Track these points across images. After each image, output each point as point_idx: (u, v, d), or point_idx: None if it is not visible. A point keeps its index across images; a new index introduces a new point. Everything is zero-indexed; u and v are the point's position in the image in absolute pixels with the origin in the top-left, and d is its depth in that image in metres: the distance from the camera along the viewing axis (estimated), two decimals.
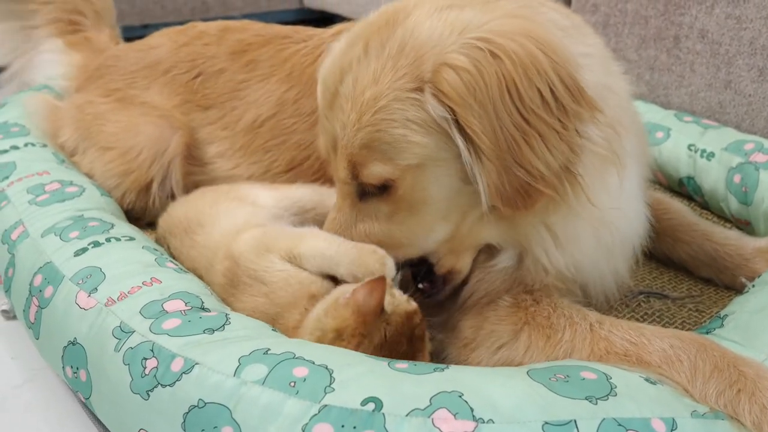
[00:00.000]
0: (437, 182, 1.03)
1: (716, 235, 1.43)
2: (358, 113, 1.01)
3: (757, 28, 1.72)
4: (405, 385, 0.86)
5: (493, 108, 0.94)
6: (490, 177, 0.97)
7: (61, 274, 1.14)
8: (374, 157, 1.01)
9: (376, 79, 1.00)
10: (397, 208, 1.07)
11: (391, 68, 0.99)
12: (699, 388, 0.95)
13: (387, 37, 1.01)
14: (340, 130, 1.03)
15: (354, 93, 1.01)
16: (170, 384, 0.90)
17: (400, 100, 0.98)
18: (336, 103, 1.04)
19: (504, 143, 0.95)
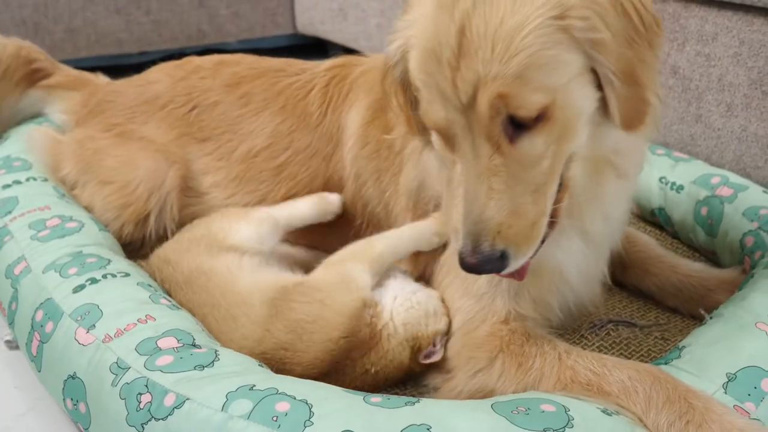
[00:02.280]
0: (582, 93, 1.06)
1: (682, 267, 1.51)
2: (505, 42, 0.98)
3: (724, 65, 1.80)
4: (378, 418, 0.93)
5: (619, 37, 1.02)
6: (620, 99, 1.05)
7: (60, 310, 1.21)
8: (530, 84, 0.99)
9: (513, 10, 0.99)
10: (551, 131, 1.04)
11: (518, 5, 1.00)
12: (652, 419, 1.03)
13: None
14: (484, 67, 0.99)
15: (489, 29, 0.99)
16: (163, 418, 0.98)
17: (546, 25, 0.99)
18: (467, 50, 1.00)
19: (627, 68, 1.03)
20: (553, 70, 1.01)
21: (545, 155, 1.05)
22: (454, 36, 1.01)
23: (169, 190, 1.64)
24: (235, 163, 1.65)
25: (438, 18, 1.04)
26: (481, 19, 1.00)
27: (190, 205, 1.68)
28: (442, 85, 1.03)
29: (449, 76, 1.02)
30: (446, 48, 1.01)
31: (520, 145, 1.03)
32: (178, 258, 1.41)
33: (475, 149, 1.04)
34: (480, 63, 0.99)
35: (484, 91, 0.99)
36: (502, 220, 1.03)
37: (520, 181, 1.04)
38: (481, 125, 1.02)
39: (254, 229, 1.47)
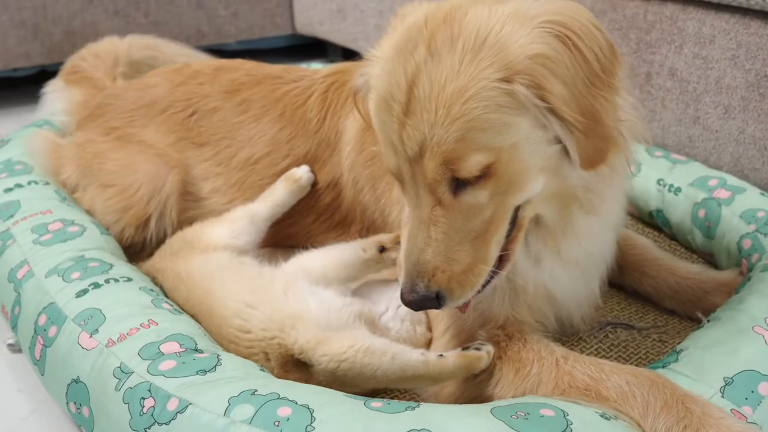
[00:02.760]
0: (531, 151, 1.06)
1: (680, 269, 1.52)
2: (446, 108, 1.01)
3: (722, 68, 1.81)
4: (378, 423, 0.95)
5: (575, 84, 1.02)
6: (579, 144, 1.05)
7: (63, 315, 1.22)
8: (472, 147, 1.02)
9: (457, 72, 1.01)
10: (496, 186, 1.06)
11: (471, 61, 1.01)
12: (650, 423, 1.04)
13: (455, 34, 1.03)
14: (428, 130, 1.02)
15: (434, 91, 1.02)
16: (166, 423, 0.99)
17: (489, 88, 1.00)
18: (414, 108, 1.03)
19: (586, 112, 1.04)
20: (497, 133, 1.02)
21: (487, 207, 1.08)
22: (404, 92, 1.05)
23: (168, 194, 1.65)
24: (234, 170, 1.66)
25: (393, 68, 1.08)
26: (428, 79, 1.03)
27: (190, 209, 1.69)
28: (391, 136, 1.08)
29: (397, 130, 1.06)
30: (396, 102, 1.06)
31: (463, 198, 1.07)
32: (164, 267, 1.43)
33: (419, 198, 1.09)
34: (425, 124, 1.03)
35: (428, 154, 1.04)
36: (437, 265, 1.07)
37: (459, 230, 1.08)
38: (425, 180, 1.06)
39: (227, 227, 1.51)
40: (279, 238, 1.65)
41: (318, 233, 1.64)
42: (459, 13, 1.06)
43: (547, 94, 1.00)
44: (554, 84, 1.00)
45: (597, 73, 1.04)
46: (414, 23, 1.10)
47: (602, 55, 1.04)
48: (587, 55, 1.03)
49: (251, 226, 1.53)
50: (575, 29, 1.02)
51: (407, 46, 1.07)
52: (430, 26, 1.07)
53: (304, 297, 1.27)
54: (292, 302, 1.25)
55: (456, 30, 1.04)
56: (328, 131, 1.60)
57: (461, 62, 1.02)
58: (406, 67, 1.05)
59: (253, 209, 1.56)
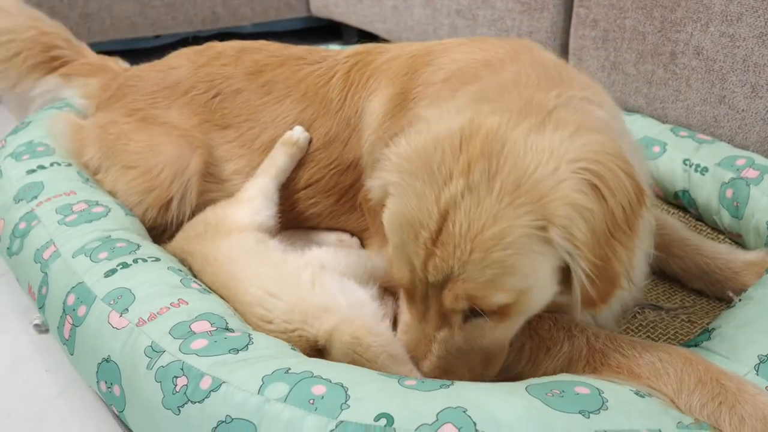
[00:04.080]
0: (543, 293, 1.08)
1: (707, 249, 1.51)
2: (482, 252, 1.00)
3: (749, 46, 1.79)
4: (414, 401, 0.94)
5: (598, 232, 1.02)
6: (586, 288, 1.04)
7: (93, 294, 1.22)
8: (498, 288, 1.02)
9: (495, 216, 1.00)
10: (503, 320, 1.08)
11: (509, 204, 1.00)
12: (684, 400, 1.03)
13: (492, 170, 1.02)
14: (458, 266, 1.01)
15: (471, 232, 1.00)
16: (200, 401, 0.99)
17: (527, 236, 1.00)
18: (446, 241, 1.01)
19: (602, 260, 1.03)
20: (524, 277, 1.03)
21: (489, 337, 1.10)
22: (435, 221, 1.02)
23: (191, 175, 1.64)
24: (257, 151, 1.65)
25: (424, 191, 1.04)
26: (465, 217, 1.01)
27: (210, 191, 1.68)
28: (413, 259, 1.06)
29: (422, 257, 1.04)
30: (425, 229, 1.03)
31: (471, 326, 1.08)
32: (192, 250, 1.42)
33: (426, 316, 1.10)
34: (456, 261, 1.01)
35: (452, 287, 1.03)
36: (432, 374, 1.10)
37: (460, 351, 1.10)
38: (438, 306, 1.07)
39: (247, 207, 1.51)
40: (302, 219, 1.65)
41: (341, 213, 1.63)
42: (497, 144, 1.03)
43: (576, 241, 1.00)
44: (583, 232, 1.00)
45: (620, 224, 1.04)
46: (446, 139, 1.06)
47: (629, 206, 1.04)
48: (615, 208, 1.02)
49: (267, 200, 1.54)
50: (608, 180, 1.02)
51: (440, 169, 1.04)
52: (467, 155, 1.03)
53: (333, 291, 1.25)
54: (320, 294, 1.24)
55: (494, 166, 1.02)
56: (349, 111, 1.59)
57: (500, 204, 1.00)
58: (440, 195, 1.03)
59: (262, 182, 1.56)
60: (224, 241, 1.40)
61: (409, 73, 1.49)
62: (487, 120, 1.07)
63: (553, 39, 2.35)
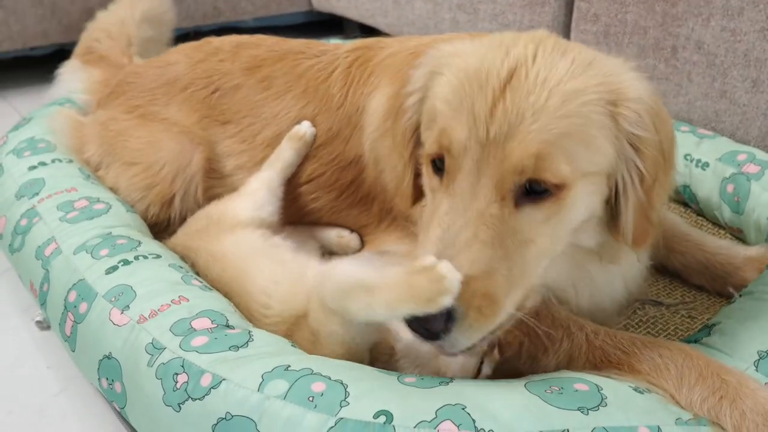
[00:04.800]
0: (592, 193, 1.04)
1: (708, 244, 1.50)
2: (560, 100, 0.95)
3: (750, 41, 1.78)
4: (413, 398, 0.94)
5: (659, 141, 1.02)
6: (635, 209, 1.04)
7: (94, 291, 1.23)
8: (566, 153, 0.95)
9: (574, 75, 0.97)
10: (550, 218, 1.00)
11: (585, 73, 0.98)
12: (685, 395, 1.04)
13: (561, 48, 1.01)
14: (532, 112, 0.94)
15: (549, 82, 0.96)
16: (200, 398, 0.99)
17: (600, 104, 0.97)
18: (517, 86, 0.96)
19: (652, 183, 1.03)
20: (589, 153, 0.99)
21: (534, 238, 1.00)
22: (506, 69, 0.97)
23: (194, 172, 1.65)
24: (259, 147, 1.65)
25: (488, 52, 1.01)
26: (541, 68, 0.97)
27: (214, 186, 1.69)
28: (476, 107, 0.97)
29: (489, 101, 0.96)
30: (493, 76, 0.97)
31: (521, 213, 0.98)
32: (196, 246, 1.42)
33: (477, 190, 0.97)
34: (529, 105, 0.95)
35: (521, 140, 0.94)
36: (473, 274, 0.93)
37: (505, 246, 0.97)
38: (496, 170, 0.96)
39: (250, 201, 1.50)
40: (302, 214, 1.65)
41: (342, 209, 1.63)
42: (562, 44, 1.04)
43: (644, 132, 0.99)
44: (651, 128, 1.00)
45: (666, 158, 1.05)
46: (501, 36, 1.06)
47: (670, 147, 1.06)
48: (664, 139, 1.03)
49: (270, 195, 1.53)
50: (661, 111, 1.03)
51: (504, 42, 1.01)
52: (531, 37, 1.03)
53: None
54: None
55: (562, 47, 1.02)
56: (351, 108, 1.58)
57: (575, 70, 0.98)
58: (509, 52, 0.98)
59: (267, 177, 1.56)
60: (229, 237, 1.40)
61: (411, 69, 1.49)
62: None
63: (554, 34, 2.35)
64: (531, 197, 0.98)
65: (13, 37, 2.79)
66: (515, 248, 0.98)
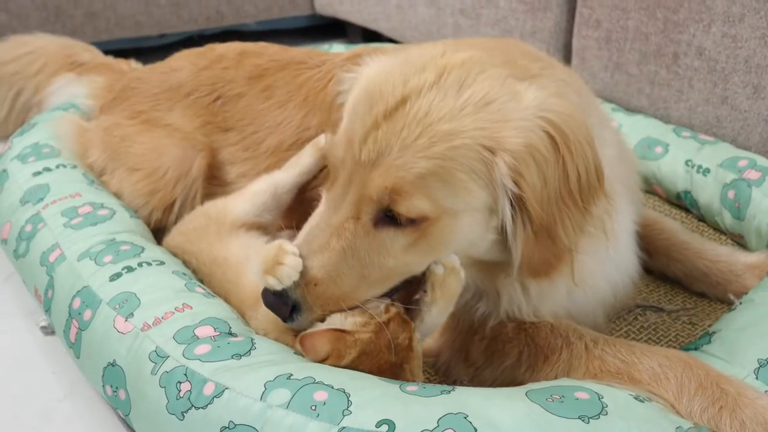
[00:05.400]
0: (468, 228, 1.06)
1: (708, 252, 1.51)
2: (429, 141, 0.98)
3: (751, 47, 1.79)
4: (415, 407, 0.95)
5: (548, 189, 1.03)
6: (527, 245, 1.05)
7: (98, 299, 1.24)
8: (424, 191, 1.00)
9: (455, 116, 1.00)
10: (416, 243, 1.05)
11: (471, 114, 1.00)
12: (685, 405, 1.04)
13: (466, 81, 1.02)
14: (398, 148, 0.99)
15: (426, 119, 0.99)
16: (203, 407, 1.00)
17: (474, 150, 1.00)
18: (397, 118, 1.00)
19: (547, 219, 1.03)
20: (454, 194, 1.02)
21: (395, 256, 1.05)
22: (395, 98, 1.02)
23: (195, 177, 1.66)
24: (263, 156, 1.65)
25: (392, 72, 1.05)
26: (426, 104, 1.00)
27: (215, 193, 1.69)
28: (356, 128, 1.04)
29: (367, 127, 1.02)
30: (382, 102, 1.02)
31: (380, 233, 1.05)
32: (197, 249, 1.42)
33: (340, 203, 1.06)
34: (398, 141, 1.00)
35: (382, 172, 1.00)
36: (317, 276, 1.05)
37: (357, 257, 1.05)
38: (359, 191, 1.03)
39: (250, 202, 1.49)
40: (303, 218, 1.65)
41: None
42: (477, 66, 1.05)
43: (523, 182, 1.00)
44: (534, 177, 1.00)
45: (572, 192, 1.04)
46: (429, 51, 1.09)
47: (585, 176, 1.05)
48: (571, 171, 1.03)
49: (274, 200, 1.51)
50: (570, 142, 1.02)
51: (415, 63, 1.05)
52: (445, 61, 1.05)
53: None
54: None
55: (469, 79, 1.03)
56: None
57: (462, 110, 1.00)
58: (408, 79, 1.03)
59: (278, 179, 1.54)
60: (232, 240, 1.40)
61: None
62: (473, 52, 1.09)
63: (556, 39, 2.35)
64: (392, 222, 1.03)
65: None
66: (373, 259, 1.05)
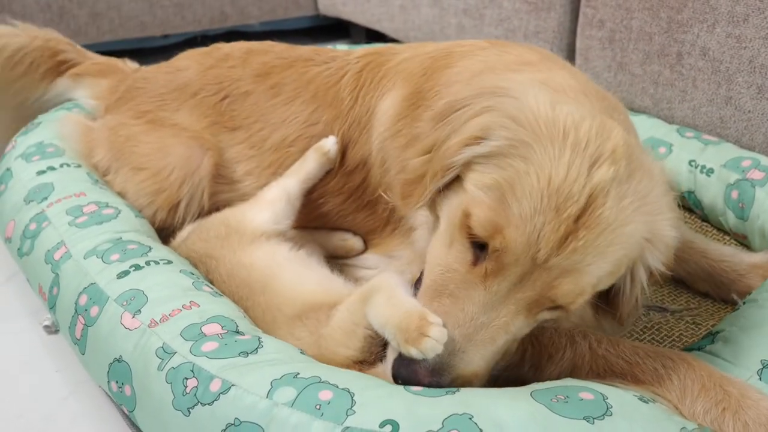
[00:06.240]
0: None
1: (712, 252, 1.51)
2: (619, 247, 0.99)
3: (756, 47, 1.79)
4: (419, 407, 0.95)
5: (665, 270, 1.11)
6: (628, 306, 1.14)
7: (105, 295, 1.24)
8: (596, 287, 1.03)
9: (634, 216, 0.99)
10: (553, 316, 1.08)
11: (638, 209, 1.00)
12: (688, 406, 1.05)
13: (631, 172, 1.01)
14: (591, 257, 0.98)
15: (616, 221, 0.97)
16: (209, 403, 1.00)
17: (640, 243, 1.03)
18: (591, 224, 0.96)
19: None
20: (611, 280, 1.06)
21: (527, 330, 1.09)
22: (585, 195, 0.96)
23: (202, 177, 1.66)
24: (267, 152, 1.65)
25: (574, 162, 0.97)
26: (615, 203, 0.97)
27: (222, 192, 1.70)
28: (547, 231, 0.96)
29: (562, 233, 0.96)
30: (574, 203, 0.96)
31: (537, 317, 1.06)
32: (219, 255, 1.42)
33: (511, 298, 1.01)
34: (595, 247, 0.97)
35: (575, 280, 0.98)
36: (476, 371, 1.04)
37: (507, 341, 1.06)
38: (539, 290, 1.00)
39: (270, 211, 1.50)
40: (309, 219, 1.66)
41: (348, 213, 1.64)
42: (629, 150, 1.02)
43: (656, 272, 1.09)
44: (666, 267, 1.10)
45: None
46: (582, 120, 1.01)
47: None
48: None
49: (289, 206, 1.52)
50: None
51: (588, 147, 0.98)
52: (612, 146, 0.99)
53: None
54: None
55: (631, 167, 1.01)
56: (361, 110, 1.59)
57: (634, 209, 1.00)
58: (590, 169, 0.97)
59: (288, 186, 1.55)
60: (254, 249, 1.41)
61: (426, 73, 1.48)
62: (615, 125, 1.05)
63: (559, 39, 2.36)
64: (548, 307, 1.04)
65: None
66: (512, 343, 1.09)
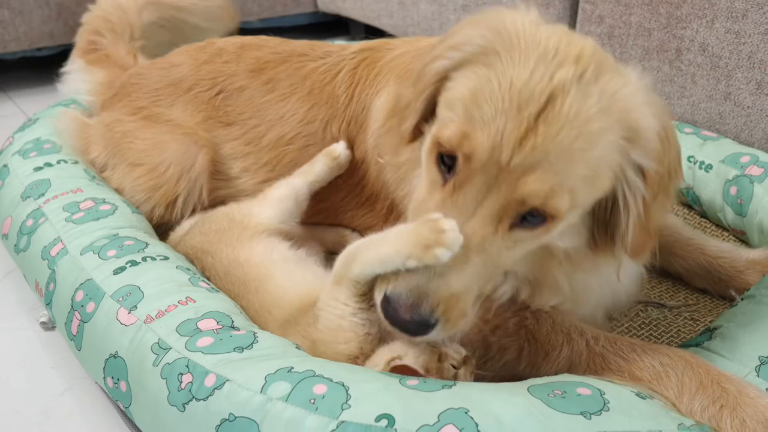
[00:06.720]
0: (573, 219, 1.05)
1: (710, 248, 1.51)
2: (586, 143, 0.94)
3: (755, 43, 1.78)
4: (415, 402, 0.94)
5: (666, 170, 1.03)
6: (636, 227, 1.04)
7: (102, 291, 1.24)
8: (570, 192, 0.96)
9: (601, 113, 0.95)
10: (542, 234, 1.03)
11: (607, 108, 0.96)
12: (685, 403, 1.04)
13: (597, 75, 0.97)
14: (556, 152, 0.94)
15: (579, 119, 0.94)
16: (204, 398, 1.00)
17: (616, 144, 0.97)
18: (552, 120, 0.94)
19: (653, 200, 1.04)
20: (591, 191, 1.00)
21: (515, 255, 1.05)
22: (546, 95, 0.94)
23: (199, 173, 1.65)
24: (265, 150, 1.65)
25: (538, 66, 0.96)
26: (576, 102, 0.94)
27: (219, 188, 1.70)
28: (509, 130, 0.94)
29: (523, 130, 0.94)
30: (533, 101, 0.94)
31: (515, 234, 1.01)
32: (216, 250, 1.42)
33: (480, 209, 0.98)
34: (557, 143, 0.94)
35: (539, 177, 0.94)
36: (456, 294, 0.99)
37: (491, 262, 1.01)
38: (505, 196, 0.97)
39: (276, 209, 1.49)
40: (309, 214, 1.65)
41: (348, 210, 1.64)
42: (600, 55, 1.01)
43: (652, 166, 1.00)
44: (659, 160, 1.01)
45: (671, 175, 1.06)
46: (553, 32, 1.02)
47: (677, 162, 1.07)
48: (672, 157, 1.04)
49: (296, 206, 1.52)
50: (671, 131, 1.04)
51: (549, 51, 0.98)
52: (578, 50, 0.99)
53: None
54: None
55: (599, 70, 0.98)
56: (357, 108, 1.58)
57: (603, 106, 0.96)
58: (553, 72, 0.95)
59: (296, 186, 1.54)
60: (254, 244, 1.40)
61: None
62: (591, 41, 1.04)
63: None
64: (524, 223, 1.00)
65: (19, 37, 2.80)
66: (492, 267, 1.03)
